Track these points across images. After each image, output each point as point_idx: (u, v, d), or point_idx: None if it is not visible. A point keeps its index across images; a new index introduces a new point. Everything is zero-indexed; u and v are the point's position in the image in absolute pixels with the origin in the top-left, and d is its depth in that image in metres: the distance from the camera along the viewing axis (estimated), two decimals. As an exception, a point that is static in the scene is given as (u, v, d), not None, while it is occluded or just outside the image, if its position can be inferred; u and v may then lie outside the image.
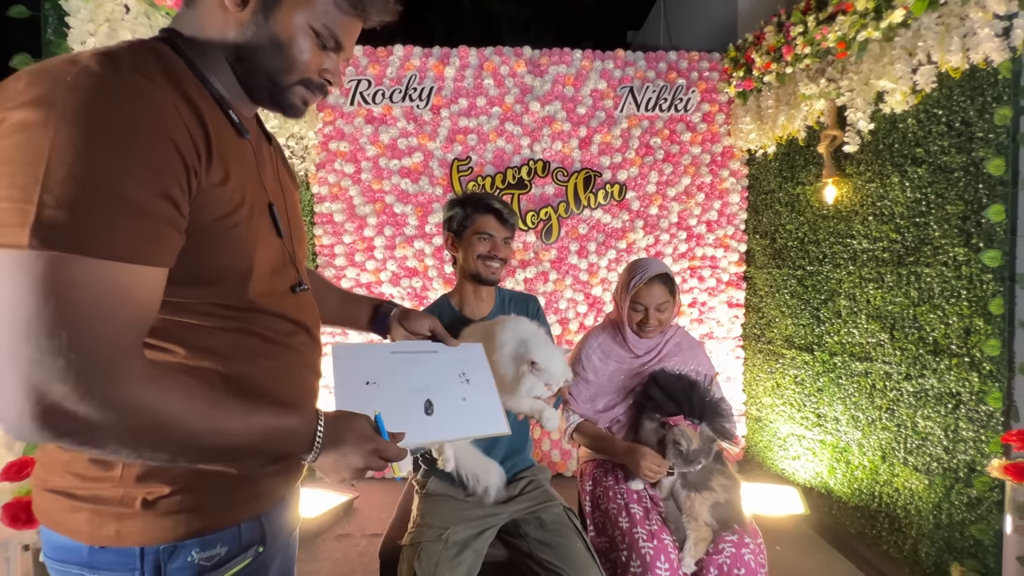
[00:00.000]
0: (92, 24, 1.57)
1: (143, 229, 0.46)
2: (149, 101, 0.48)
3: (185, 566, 0.55)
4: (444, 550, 1.08)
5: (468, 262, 1.28)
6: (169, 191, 0.48)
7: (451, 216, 1.29)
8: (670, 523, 1.18)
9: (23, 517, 1.17)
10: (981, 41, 1.54)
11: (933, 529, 1.76)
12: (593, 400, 1.39)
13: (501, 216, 1.28)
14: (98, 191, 0.43)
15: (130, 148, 0.45)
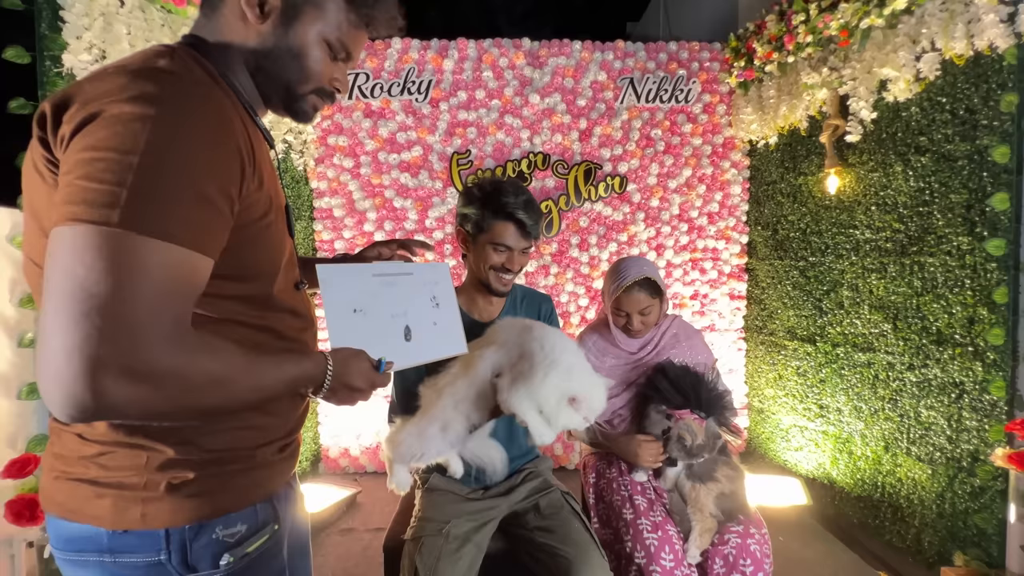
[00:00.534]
0: (87, 18, 1.56)
1: (209, 222, 0.51)
2: (222, 109, 0.54)
3: (210, 543, 0.59)
4: (445, 544, 1.07)
5: (480, 269, 1.17)
6: (230, 191, 0.53)
7: (466, 214, 1.15)
8: (675, 514, 1.17)
9: (27, 514, 1.17)
10: (986, 27, 1.53)
11: (936, 519, 1.76)
12: None
13: (524, 228, 1.13)
14: (181, 185, 0.48)
15: (210, 149, 0.51)
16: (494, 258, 1.14)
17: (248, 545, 0.62)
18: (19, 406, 1.48)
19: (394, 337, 0.78)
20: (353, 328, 0.73)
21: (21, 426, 1.49)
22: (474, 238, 1.16)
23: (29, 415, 1.51)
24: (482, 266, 1.16)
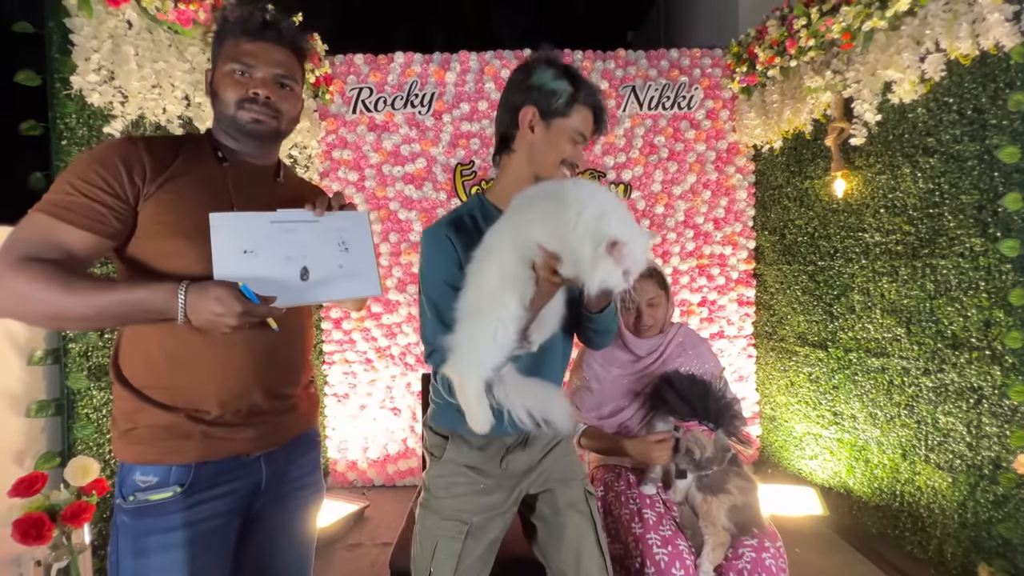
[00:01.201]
0: (96, 41, 1.59)
1: (71, 203, 0.75)
2: (117, 144, 0.81)
3: (132, 482, 0.79)
4: (464, 551, 0.93)
5: (542, 161, 0.95)
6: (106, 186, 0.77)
7: (554, 90, 0.93)
8: (686, 528, 1.15)
9: (34, 533, 1.17)
10: (991, 27, 1.51)
11: (959, 528, 1.70)
12: (599, 407, 1.37)
13: (600, 124, 0.99)
14: (59, 186, 0.76)
15: (89, 161, 0.78)
16: (568, 149, 0.95)
17: (150, 493, 0.78)
18: (28, 424, 1.49)
19: (288, 277, 0.82)
20: (239, 268, 0.79)
21: (30, 444, 1.50)
22: (548, 122, 0.94)
23: (38, 433, 1.52)
24: (548, 158, 0.95)
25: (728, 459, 1.21)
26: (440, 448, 0.99)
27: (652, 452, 1.19)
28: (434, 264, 0.92)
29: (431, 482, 0.99)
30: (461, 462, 0.98)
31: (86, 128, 1.61)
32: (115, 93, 1.65)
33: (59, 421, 1.55)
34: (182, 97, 1.86)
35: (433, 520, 0.97)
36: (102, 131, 1.64)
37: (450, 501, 0.97)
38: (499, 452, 0.99)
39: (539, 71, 0.95)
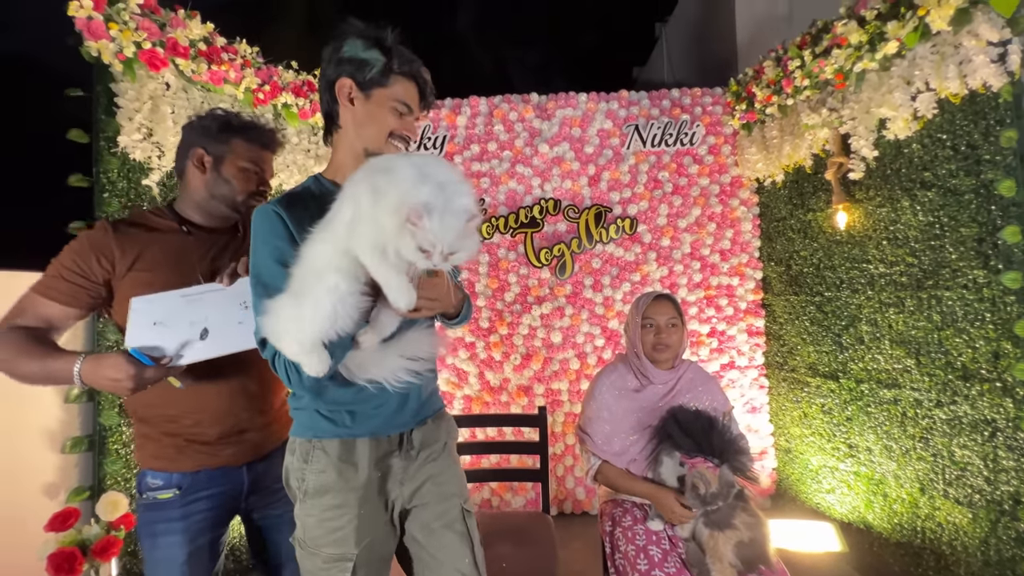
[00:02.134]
0: (138, 102, 1.74)
1: (54, 284, 1.00)
2: (90, 234, 1.04)
3: (145, 484, 1.04)
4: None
5: (370, 135, 0.92)
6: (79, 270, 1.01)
7: (365, 60, 0.90)
8: (693, 566, 1.15)
9: (66, 567, 1.22)
10: (977, 67, 1.57)
11: (982, 567, 1.66)
12: (609, 441, 1.40)
13: (426, 93, 0.96)
14: (49, 272, 1.01)
15: (70, 250, 1.02)
16: (392, 121, 0.92)
17: (158, 493, 1.03)
18: (63, 459, 1.58)
19: (189, 338, 0.96)
20: (147, 336, 0.94)
21: (63, 478, 1.57)
22: (367, 93, 0.91)
23: (71, 468, 1.60)
24: (372, 129, 0.92)
25: (734, 495, 1.22)
26: (300, 482, 0.91)
27: (668, 506, 1.22)
28: (264, 242, 0.86)
29: (301, 521, 0.92)
30: (326, 487, 0.90)
31: (126, 181, 1.75)
32: (153, 148, 1.80)
33: (91, 456, 1.63)
34: (212, 149, 2.00)
35: (314, 563, 0.90)
36: (140, 183, 1.77)
37: (325, 540, 0.89)
38: (369, 461, 0.92)
39: (349, 43, 0.91)
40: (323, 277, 0.78)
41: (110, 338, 1.65)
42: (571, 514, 2.67)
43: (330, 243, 0.78)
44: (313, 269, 0.79)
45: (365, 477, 0.91)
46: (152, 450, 1.05)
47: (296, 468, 0.92)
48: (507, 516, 1.70)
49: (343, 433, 0.91)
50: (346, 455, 0.90)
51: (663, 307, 1.45)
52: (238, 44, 2.08)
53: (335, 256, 0.77)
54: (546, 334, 2.70)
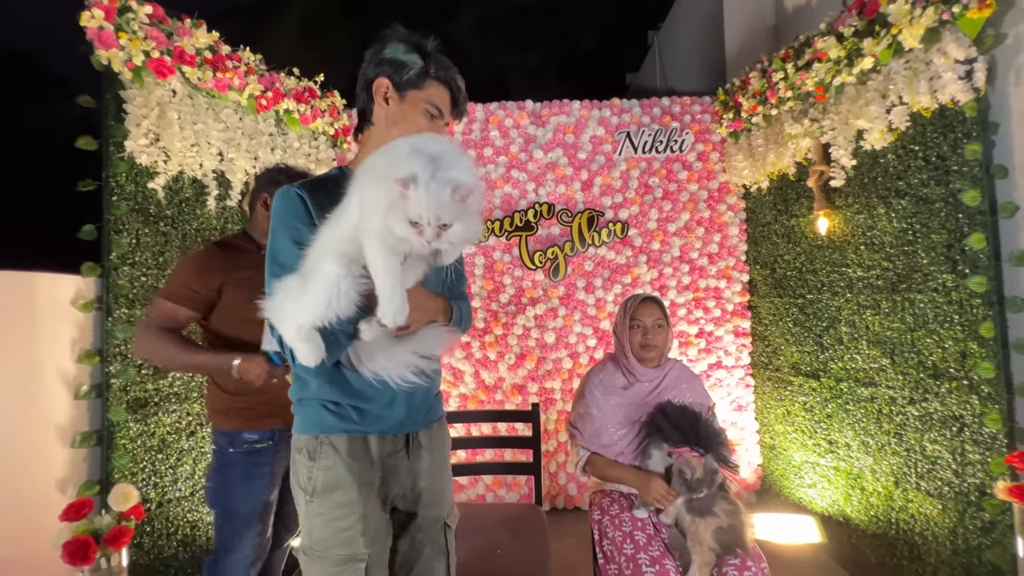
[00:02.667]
0: (146, 108, 1.80)
1: (184, 293, 1.35)
2: (205, 251, 1.43)
3: (242, 439, 1.37)
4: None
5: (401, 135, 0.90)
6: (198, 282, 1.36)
7: (404, 62, 0.94)
8: (674, 549, 1.24)
9: (81, 554, 1.28)
10: (946, 83, 1.67)
11: (951, 555, 1.75)
12: (598, 434, 1.48)
13: (458, 100, 1.00)
14: (176, 278, 1.39)
15: (189, 265, 1.40)
16: (424, 123, 0.95)
17: (256, 444, 1.37)
18: (73, 454, 1.63)
19: None
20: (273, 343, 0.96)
21: (73, 472, 1.63)
22: (403, 94, 0.95)
23: (81, 462, 1.65)
24: (405, 130, 0.94)
25: (717, 484, 1.31)
26: (308, 481, 0.90)
27: (652, 488, 1.31)
28: (282, 223, 0.87)
29: (308, 524, 0.90)
30: (336, 484, 0.89)
31: (133, 184, 1.80)
32: (159, 153, 1.86)
33: (99, 451, 1.68)
34: (216, 153, 2.06)
35: (323, 568, 0.88)
36: (146, 186, 1.83)
37: (333, 540, 0.88)
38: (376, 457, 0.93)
39: (391, 46, 0.95)
40: (323, 261, 0.78)
41: (118, 336, 1.71)
42: (563, 509, 2.74)
43: (337, 228, 0.79)
44: (317, 253, 0.80)
45: (373, 474, 0.91)
46: (248, 414, 1.38)
47: (304, 466, 0.90)
48: (502, 507, 1.77)
49: (351, 429, 0.90)
50: (354, 451, 0.90)
51: (650, 309, 1.54)
52: (242, 51, 2.15)
53: (338, 241, 0.79)
54: (540, 334, 2.77)
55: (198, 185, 2.03)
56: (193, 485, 1.93)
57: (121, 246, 1.74)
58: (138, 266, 1.79)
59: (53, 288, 1.63)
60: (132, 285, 1.76)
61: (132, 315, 1.75)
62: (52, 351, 1.60)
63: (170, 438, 1.85)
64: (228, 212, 2.16)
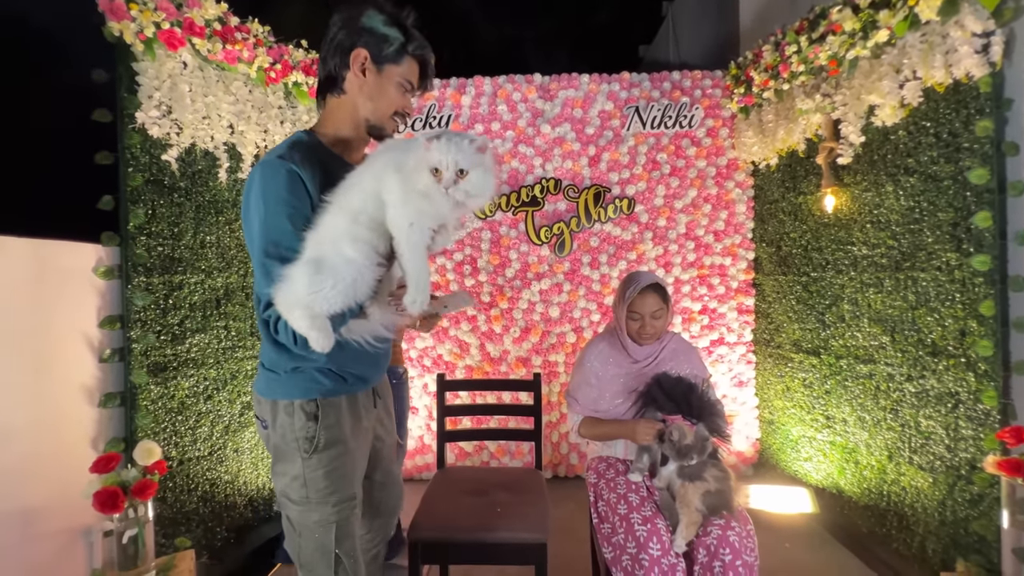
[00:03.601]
0: (157, 81, 1.83)
1: None
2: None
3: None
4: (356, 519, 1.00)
5: (377, 108, 0.97)
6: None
7: (384, 37, 0.95)
8: (664, 510, 1.30)
9: (111, 503, 1.38)
10: (962, 58, 1.63)
11: (939, 526, 1.81)
12: (596, 402, 1.53)
13: (427, 75, 1.02)
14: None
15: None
16: (398, 98, 0.98)
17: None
18: (99, 413, 1.73)
19: None
20: None
21: (101, 431, 1.73)
22: (380, 67, 0.96)
23: (107, 421, 1.75)
24: (381, 104, 0.97)
25: (708, 452, 1.36)
26: (309, 440, 0.95)
27: (638, 428, 1.37)
28: (278, 200, 0.85)
29: (306, 478, 0.95)
30: (337, 439, 0.96)
31: (148, 156, 1.85)
32: (172, 125, 1.90)
33: (123, 411, 1.78)
34: (227, 126, 2.10)
35: (324, 512, 0.95)
36: (160, 158, 1.88)
37: (334, 487, 0.95)
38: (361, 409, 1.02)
39: (369, 14, 0.95)
40: (341, 247, 0.80)
41: (137, 303, 1.79)
42: (564, 477, 2.84)
43: (346, 214, 0.81)
44: (330, 239, 0.81)
45: (362, 425, 1.01)
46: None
47: (301, 427, 0.93)
48: (503, 471, 1.85)
49: (347, 390, 0.98)
50: (350, 409, 0.99)
51: (649, 300, 1.50)
52: (251, 23, 2.15)
53: (354, 226, 0.81)
54: (544, 309, 2.82)
55: (210, 157, 2.07)
56: (211, 446, 2.03)
57: (138, 216, 1.80)
58: (154, 236, 1.85)
59: (75, 256, 1.70)
60: (149, 254, 1.83)
61: (150, 283, 1.83)
62: (77, 316, 1.68)
63: (189, 401, 1.95)
64: (239, 184, 2.20)
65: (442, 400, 1.84)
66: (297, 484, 0.95)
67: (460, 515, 1.45)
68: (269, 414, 0.96)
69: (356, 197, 0.82)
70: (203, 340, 2.01)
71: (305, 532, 0.96)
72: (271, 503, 2.31)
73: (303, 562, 0.97)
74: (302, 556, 0.97)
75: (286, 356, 0.94)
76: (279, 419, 0.95)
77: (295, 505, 0.96)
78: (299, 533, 0.96)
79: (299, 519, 0.96)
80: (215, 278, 2.07)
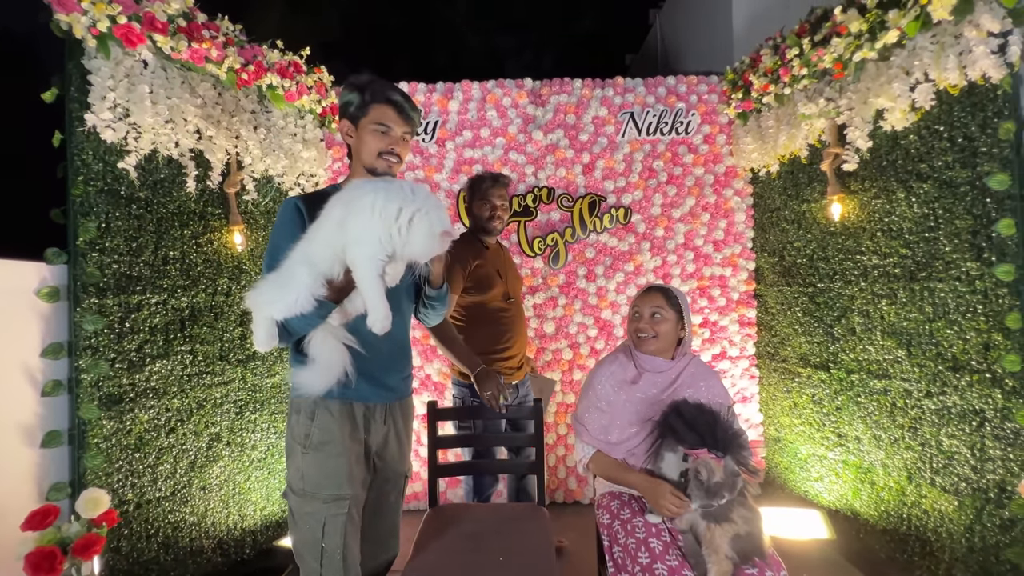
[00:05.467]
0: (112, 80, 1.65)
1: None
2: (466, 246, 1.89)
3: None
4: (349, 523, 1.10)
5: (367, 156, 1.19)
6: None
7: (348, 102, 1.19)
8: (690, 557, 1.15)
9: (45, 567, 1.18)
10: (977, 58, 1.56)
11: (967, 553, 1.69)
12: (606, 431, 1.38)
13: (402, 110, 1.19)
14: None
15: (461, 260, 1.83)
16: (376, 142, 1.18)
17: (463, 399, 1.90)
18: (41, 455, 1.51)
19: None
20: None
21: (43, 474, 1.51)
22: (355, 125, 1.20)
23: (49, 464, 1.53)
24: (364, 151, 1.19)
25: (738, 489, 1.21)
26: (306, 437, 1.11)
27: (663, 501, 1.21)
28: (282, 225, 1.11)
29: (303, 471, 1.10)
30: (330, 438, 1.11)
31: (101, 163, 1.66)
32: (129, 129, 1.71)
33: (69, 451, 1.57)
34: (193, 131, 1.92)
35: (315, 505, 1.09)
36: (116, 166, 1.69)
37: (326, 483, 1.10)
38: (360, 420, 1.16)
39: (342, 91, 1.21)
40: (297, 269, 0.99)
41: (87, 328, 1.59)
42: (563, 503, 2.68)
43: (312, 243, 1.00)
44: (294, 260, 1.01)
45: (356, 433, 1.16)
46: None
47: (302, 424, 1.12)
48: (503, 509, 1.68)
49: (343, 395, 1.12)
50: (343, 414, 1.14)
51: (650, 297, 1.45)
52: (220, 21, 1.99)
53: (310, 254, 1.00)
54: (539, 324, 2.67)
55: (174, 165, 1.89)
56: (174, 485, 1.82)
57: (89, 230, 1.61)
58: (108, 252, 1.66)
59: (14, 276, 1.50)
60: (102, 272, 1.63)
61: (103, 305, 1.63)
62: (16, 344, 1.48)
63: (148, 436, 1.74)
64: (208, 195, 2.02)
65: (433, 430, 1.67)
66: (297, 476, 1.11)
67: (456, 569, 1.28)
68: (291, 409, 1.16)
69: (319, 229, 1.00)
70: (165, 367, 1.81)
71: (300, 522, 1.10)
72: (243, 545, 2.10)
73: (297, 550, 1.12)
74: (296, 544, 1.12)
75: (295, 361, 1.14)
76: (292, 415, 1.15)
77: (295, 495, 1.11)
78: (296, 522, 1.11)
79: (297, 508, 1.11)
80: (179, 297, 1.88)
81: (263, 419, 2.21)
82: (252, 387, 2.16)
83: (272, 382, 2.26)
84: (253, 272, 2.21)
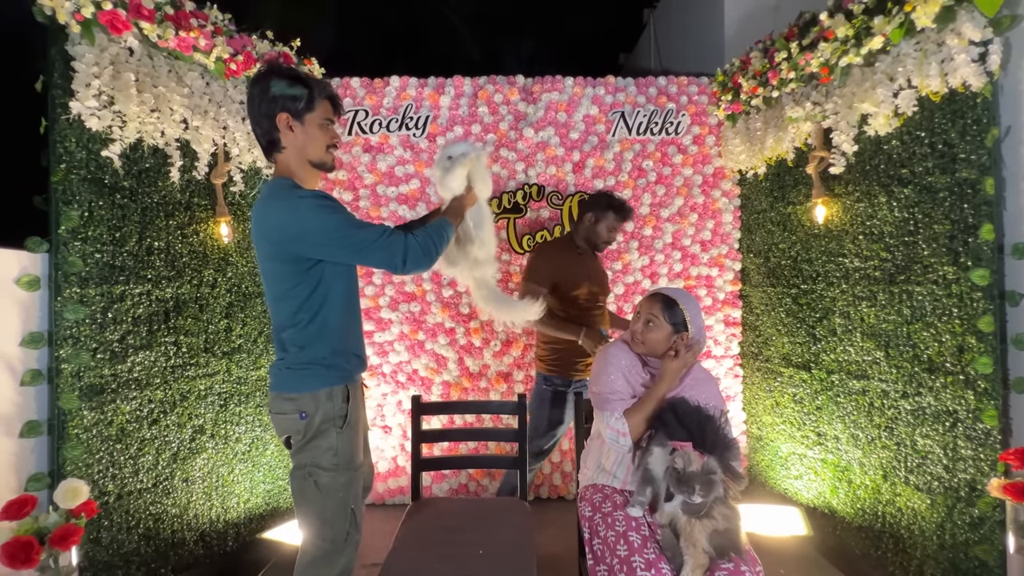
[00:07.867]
0: (97, 67, 1.63)
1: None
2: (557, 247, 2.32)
3: (552, 381, 2.16)
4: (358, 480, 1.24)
5: (315, 150, 1.21)
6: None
7: (294, 95, 1.17)
8: (667, 550, 1.17)
9: (21, 557, 1.17)
10: (959, 66, 1.59)
11: (937, 550, 1.74)
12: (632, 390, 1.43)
13: (339, 105, 1.26)
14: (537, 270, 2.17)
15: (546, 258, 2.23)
16: (324, 136, 1.22)
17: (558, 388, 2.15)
18: (19, 445, 1.50)
19: None
20: None
21: (22, 464, 1.50)
22: (301, 119, 1.19)
23: (28, 454, 1.52)
24: (315, 146, 1.22)
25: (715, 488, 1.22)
26: (343, 418, 1.20)
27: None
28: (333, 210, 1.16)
29: (338, 449, 1.18)
30: (357, 415, 1.25)
31: (85, 151, 1.64)
32: (114, 117, 1.69)
33: (48, 442, 1.55)
34: (180, 121, 1.90)
35: (348, 475, 1.19)
36: (100, 154, 1.67)
37: (355, 453, 1.22)
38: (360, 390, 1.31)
39: (275, 83, 1.18)
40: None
41: (68, 317, 1.57)
42: (547, 499, 2.70)
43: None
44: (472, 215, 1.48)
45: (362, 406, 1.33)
46: (558, 368, 2.11)
47: (339, 407, 1.19)
48: (484, 504, 1.70)
49: (357, 377, 1.28)
50: (356, 393, 1.27)
51: (649, 303, 1.46)
52: (208, 10, 1.97)
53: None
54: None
55: (160, 154, 1.87)
56: (156, 476, 1.81)
57: (71, 219, 1.59)
58: (91, 241, 1.64)
59: (-7, 264, 1.48)
60: (84, 262, 1.62)
61: (84, 294, 1.61)
62: (-7, 333, 1.46)
63: (130, 427, 1.73)
64: (194, 185, 2.00)
65: (417, 425, 1.68)
66: (330, 454, 1.18)
67: (435, 562, 1.29)
68: (311, 404, 1.17)
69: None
70: (148, 358, 1.79)
71: (331, 493, 1.18)
72: (226, 536, 2.09)
73: (327, 517, 1.18)
74: (326, 513, 1.18)
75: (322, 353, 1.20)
76: (321, 405, 1.18)
77: (327, 472, 1.17)
78: (326, 496, 1.18)
79: (330, 483, 1.18)
80: (163, 288, 1.86)
81: (248, 412, 2.20)
82: (237, 379, 2.15)
83: (257, 375, 2.25)
84: (240, 264, 2.19)
